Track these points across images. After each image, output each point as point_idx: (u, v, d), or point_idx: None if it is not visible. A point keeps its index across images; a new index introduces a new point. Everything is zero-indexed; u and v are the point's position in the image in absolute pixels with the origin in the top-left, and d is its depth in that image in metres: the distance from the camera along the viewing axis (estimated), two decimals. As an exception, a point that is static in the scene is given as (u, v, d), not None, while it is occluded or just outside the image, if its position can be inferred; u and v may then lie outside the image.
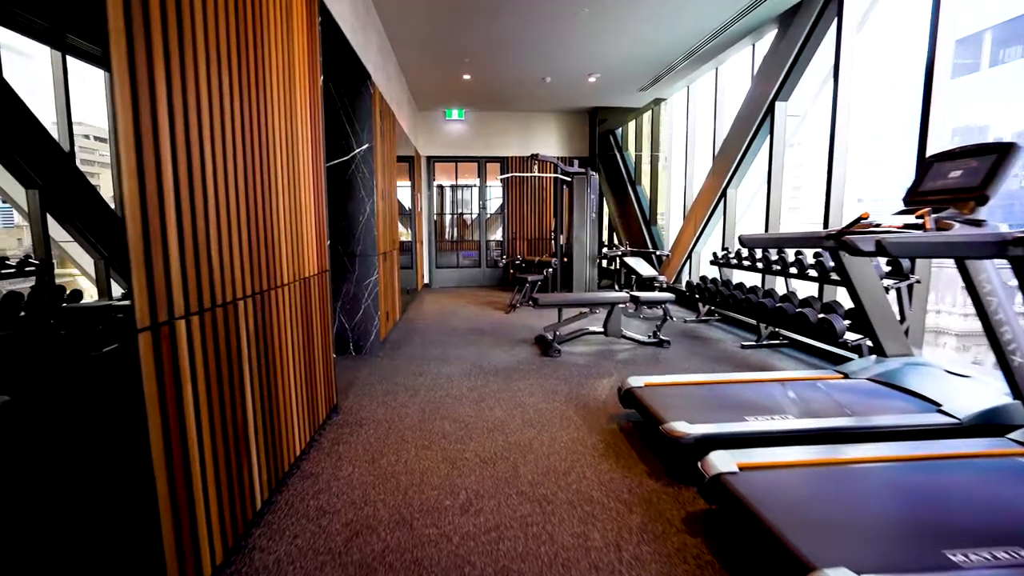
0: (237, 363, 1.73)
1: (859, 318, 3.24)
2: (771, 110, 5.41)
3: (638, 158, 9.97)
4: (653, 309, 6.53)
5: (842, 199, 4.55)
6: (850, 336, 3.69)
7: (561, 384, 3.66)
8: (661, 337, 4.80)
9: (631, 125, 10.06)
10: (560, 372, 3.95)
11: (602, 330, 4.78)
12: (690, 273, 7.50)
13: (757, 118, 5.65)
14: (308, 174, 2.58)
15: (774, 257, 4.78)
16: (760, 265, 4.92)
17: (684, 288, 6.17)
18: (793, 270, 4.44)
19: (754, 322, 5.20)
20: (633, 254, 8.05)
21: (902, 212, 2.75)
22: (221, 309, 1.62)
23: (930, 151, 3.74)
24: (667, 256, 7.75)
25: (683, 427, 2.29)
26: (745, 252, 5.34)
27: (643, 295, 4.73)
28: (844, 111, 4.40)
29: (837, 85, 4.37)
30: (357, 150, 4.28)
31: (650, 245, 9.12)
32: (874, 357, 3.21)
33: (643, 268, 7.32)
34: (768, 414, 2.50)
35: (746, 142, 5.90)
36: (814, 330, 3.79)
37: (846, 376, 3.07)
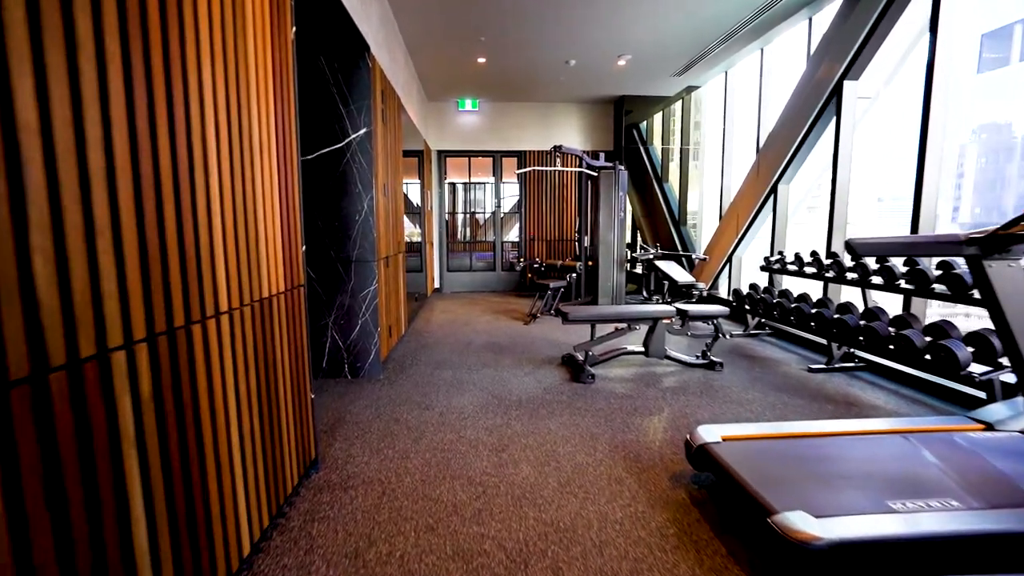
0: (108, 454, 1.04)
1: (1002, 345, 2.48)
2: (838, 91, 4.62)
3: (665, 151, 9.21)
4: (698, 324, 5.75)
5: (936, 196, 3.76)
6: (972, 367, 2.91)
7: (601, 424, 2.93)
8: (712, 358, 4.05)
9: (657, 117, 9.30)
10: (598, 405, 3.23)
11: (642, 349, 4.04)
12: (730, 279, 6.73)
13: (818, 102, 4.87)
14: (270, 161, 1.89)
15: (848, 263, 4.01)
16: (831, 273, 4.14)
17: (732, 298, 5.39)
18: (877, 279, 3.67)
19: (816, 338, 4.42)
20: (664, 257, 7.29)
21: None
22: (61, 375, 0.92)
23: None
24: (702, 259, 6.97)
25: (807, 525, 1.55)
26: (807, 257, 4.56)
27: (692, 309, 3.98)
28: (942, 82, 3.60)
29: (934, 47, 3.59)
30: (352, 136, 3.60)
31: (680, 247, 8.35)
32: (1021, 400, 2.44)
33: (677, 273, 6.56)
34: (918, 496, 1.75)
35: (803, 131, 5.12)
36: (918, 357, 3.01)
37: (989, 427, 2.30)
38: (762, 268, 5.27)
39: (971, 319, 4.10)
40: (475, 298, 8.07)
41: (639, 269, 8.14)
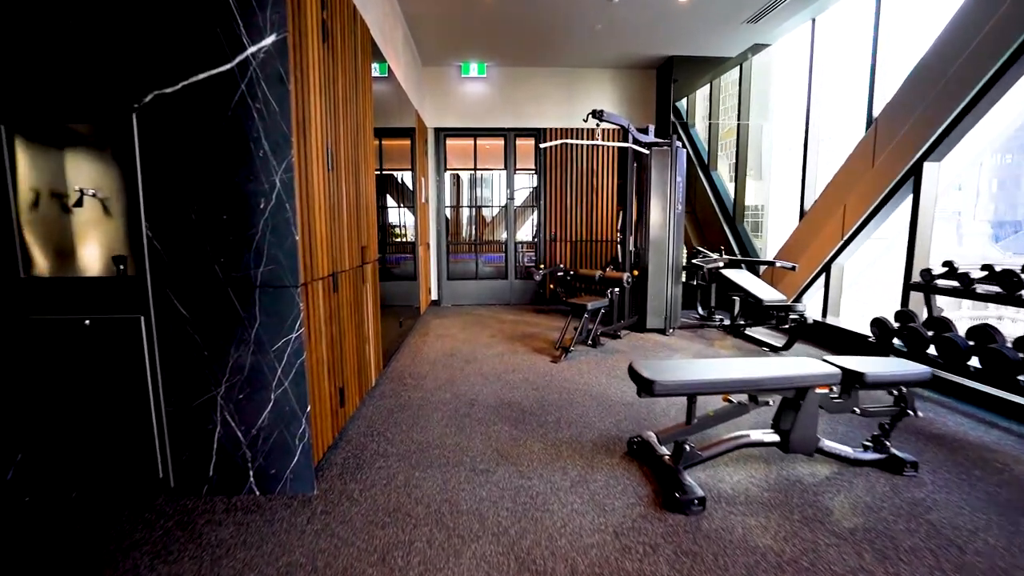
0: None
1: None
2: (1070, 4, 2.87)
3: (714, 129, 7.44)
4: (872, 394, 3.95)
5: None
6: None
7: None
8: (894, 451, 2.32)
9: (701, 93, 7.54)
10: (745, 604, 1.51)
11: (774, 438, 2.32)
12: (826, 296, 4.98)
13: (1019, 32, 3.12)
14: None
15: None
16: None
17: (872, 330, 3.63)
18: None
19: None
20: (732, 264, 5.54)
21: None
22: None
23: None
24: (790, 268, 5.20)
25: None
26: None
27: (871, 370, 2.24)
28: None
29: None
30: (250, 48, 1.89)
31: (737, 250, 6.59)
32: None
33: (759, 288, 4.81)
34: None
35: (984, 76, 3.37)
36: None
37: None
38: (916, 286, 3.52)
39: None
40: (482, 315, 6.35)
41: (690, 279, 6.42)
